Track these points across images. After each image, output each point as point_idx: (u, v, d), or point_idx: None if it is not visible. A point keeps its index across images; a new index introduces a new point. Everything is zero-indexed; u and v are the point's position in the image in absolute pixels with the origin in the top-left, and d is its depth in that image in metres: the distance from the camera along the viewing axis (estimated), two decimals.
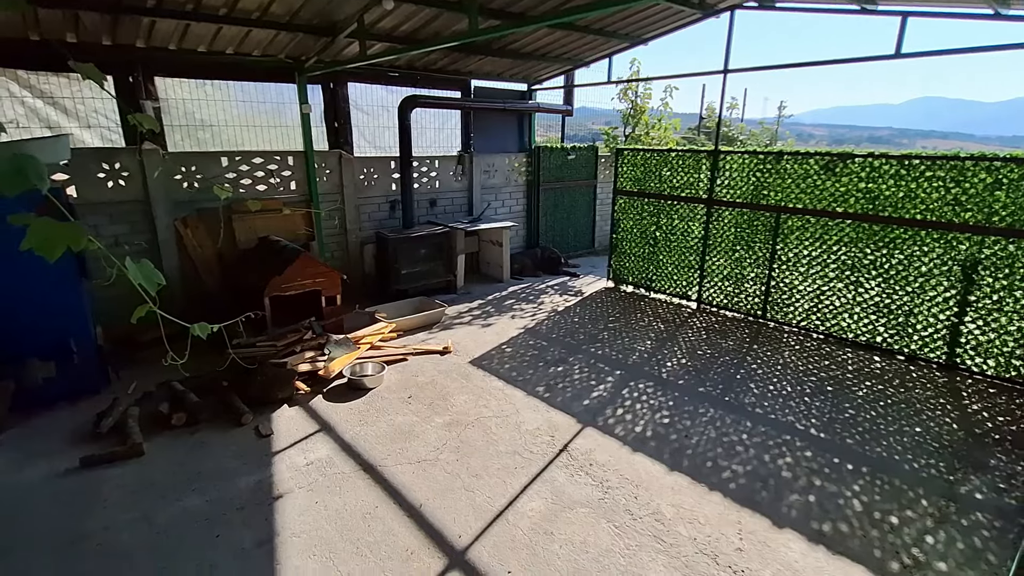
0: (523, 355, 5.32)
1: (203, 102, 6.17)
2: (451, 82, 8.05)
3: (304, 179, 6.56)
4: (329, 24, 5.50)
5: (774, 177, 5.90)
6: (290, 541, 2.83)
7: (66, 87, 5.38)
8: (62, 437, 3.79)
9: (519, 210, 9.16)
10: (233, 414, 4.01)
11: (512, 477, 3.39)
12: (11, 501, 3.13)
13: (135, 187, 5.44)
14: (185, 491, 3.21)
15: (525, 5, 5.65)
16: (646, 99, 12.02)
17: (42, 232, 1.27)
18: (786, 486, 3.33)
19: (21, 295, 3.93)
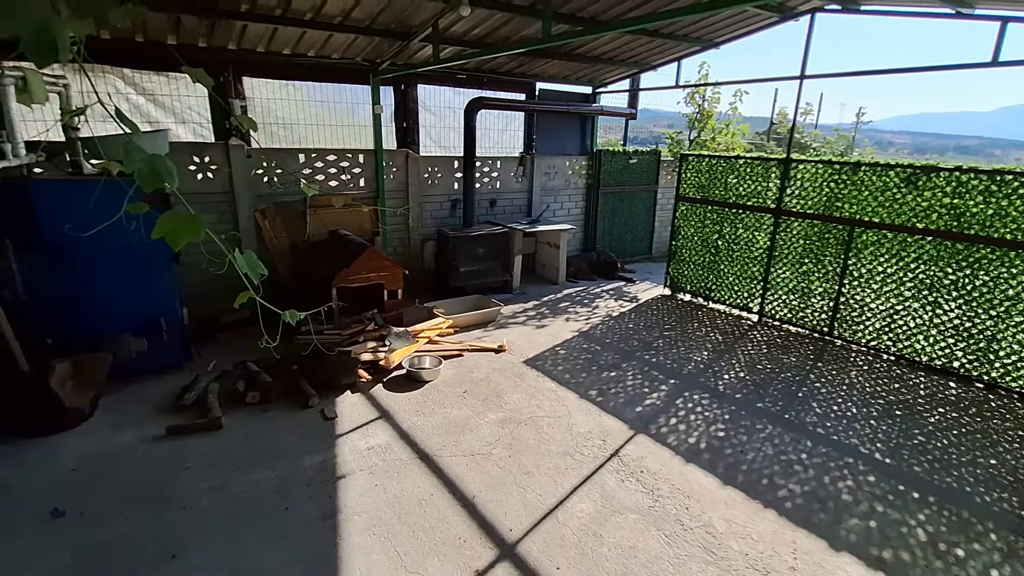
0: (576, 358, 5.34)
1: (284, 101, 6.56)
2: (517, 84, 8.16)
3: (372, 176, 6.85)
4: (405, 29, 5.72)
5: (850, 188, 5.63)
6: (351, 519, 3.00)
7: (165, 85, 5.86)
8: (151, 406, 4.16)
9: (577, 213, 9.17)
10: (301, 396, 4.26)
11: (563, 477, 3.44)
12: (110, 462, 3.48)
13: (222, 179, 5.87)
14: (258, 465, 3.46)
15: (596, 10, 5.66)
16: (714, 103, 11.70)
17: (169, 223, 1.43)
18: (846, 509, 3.20)
19: (123, 277, 4.34)
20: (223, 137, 5.98)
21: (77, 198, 3.96)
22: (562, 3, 5.35)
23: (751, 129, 14.03)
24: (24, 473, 3.32)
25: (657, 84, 9.04)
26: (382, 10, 5.20)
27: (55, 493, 3.14)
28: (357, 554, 2.75)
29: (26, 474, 3.31)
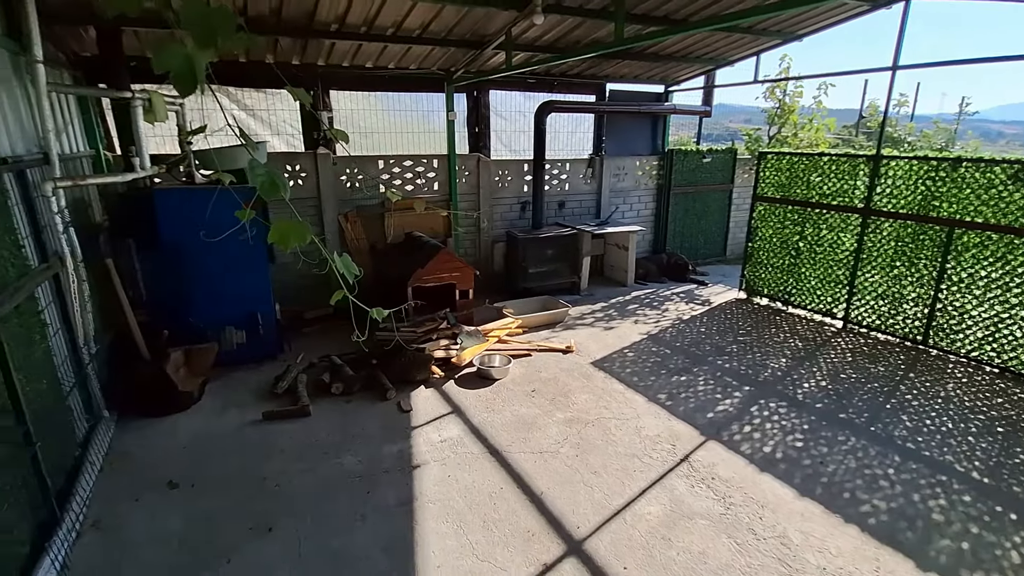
0: (645, 361, 5.29)
1: (365, 111, 6.97)
2: (587, 86, 8.16)
3: (446, 180, 7.12)
4: (478, 38, 5.91)
5: (948, 186, 5.20)
6: (426, 506, 3.17)
7: (262, 101, 6.41)
8: (248, 392, 4.57)
9: (647, 214, 9.03)
10: (379, 389, 4.53)
11: (630, 479, 3.45)
12: (215, 442, 3.87)
13: (310, 186, 6.33)
14: (342, 451, 3.73)
15: (670, 8, 5.58)
16: (796, 97, 11.10)
17: (281, 229, 1.62)
18: (936, 529, 2.99)
19: (227, 276, 4.80)
20: (312, 147, 6.45)
21: (191, 205, 4.44)
22: (635, 4, 5.32)
23: (837, 123, 13.17)
24: (146, 447, 3.77)
25: (733, 80, 8.71)
26: (458, 22, 5.41)
27: (170, 466, 3.55)
28: (431, 538, 2.92)
29: (148, 448, 3.76)
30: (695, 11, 5.66)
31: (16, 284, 2.80)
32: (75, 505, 2.96)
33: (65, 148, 4.14)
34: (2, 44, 3.23)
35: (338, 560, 2.77)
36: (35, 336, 3.01)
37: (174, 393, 4.20)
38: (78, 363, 3.64)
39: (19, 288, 2.80)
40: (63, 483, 3.05)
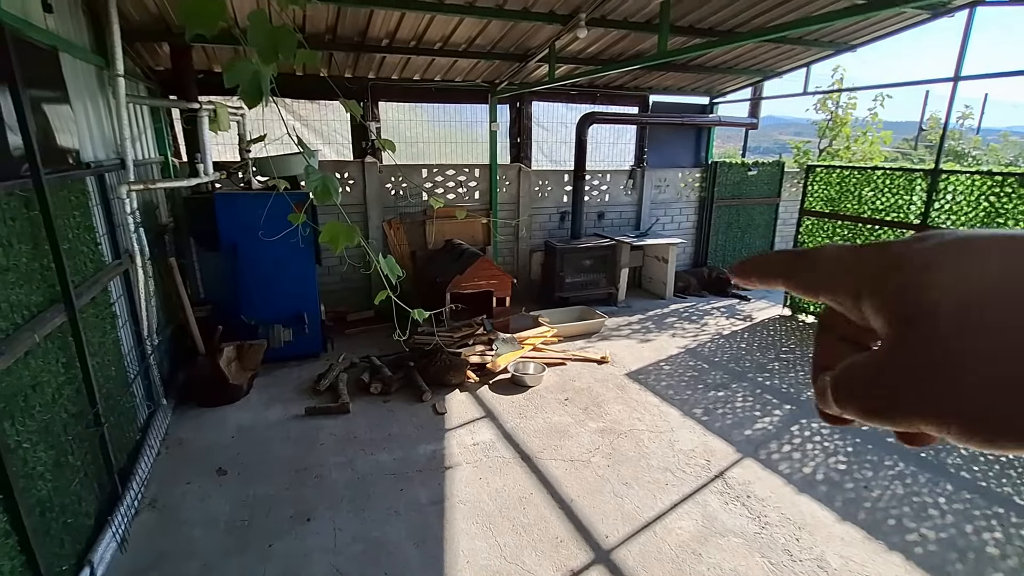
0: (681, 375, 5.22)
1: (411, 122, 7.21)
2: (629, 98, 8.17)
3: (487, 189, 7.26)
4: (522, 51, 6.04)
5: (1015, 203, 4.92)
6: (457, 506, 3.24)
7: (315, 112, 6.73)
8: (293, 388, 4.78)
9: (688, 227, 8.90)
10: (416, 390, 4.65)
11: (662, 492, 3.42)
12: (261, 433, 4.07)
13: (357, 193, 6.58)
14: (379, 448, 3.85)
15: (716, 21, 5.55)
16: (850, 109, 10.74)
17: (332, 231, 1.74)
18: (990, 563, 2.83)
19: (277, 276, 5.05)
20: (360, 155, 6.71)
21: (248, 209, 4.71)
22: (680, 16, 5.32)
23: (896, 136, 12.64)
24: (199, 435, 4.01)
25: (782, 91, 8.52)
26: (502, 36, 5.55)
27: (220, 454, 3.76)
28: (461, 538, 2.98)
29: (200, 436, 4.00)
30: (742, 23, 5.61)
31: (93, 278, 3.06)
32: (135, 484, 3.18)
33: (138, 154, 4.49)
34: (90, 59, 3.55)
35: (371, 551, 2.86)
36: (107, 326, 3.27)
37: (225, 386, 4.44)
38: (142, 353, 3.92)
39: (96, 282, 3.06)
40: (125, 463, 3.29)
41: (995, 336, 0.20)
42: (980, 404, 0.20)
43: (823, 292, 0.28)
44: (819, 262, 0.28)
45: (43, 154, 2.51)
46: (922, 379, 0.21)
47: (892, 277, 0.24)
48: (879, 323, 0.24)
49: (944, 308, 0.21)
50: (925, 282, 0.22)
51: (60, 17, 3.14)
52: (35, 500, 2.24)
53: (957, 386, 0.20)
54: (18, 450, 2.15)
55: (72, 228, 2.89)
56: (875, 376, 0.24)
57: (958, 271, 0.22)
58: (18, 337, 2.19)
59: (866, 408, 0.24)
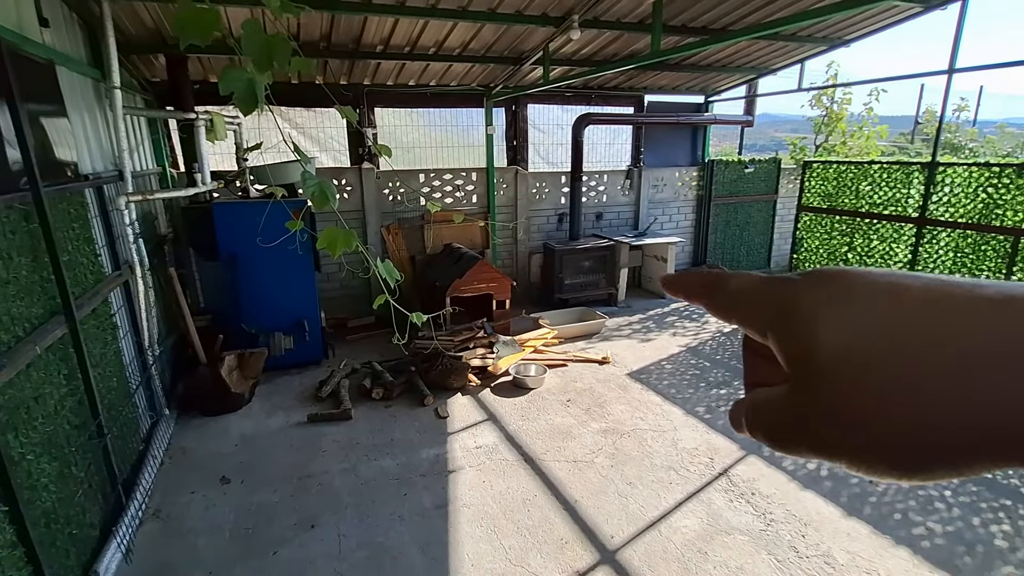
0: (683, 373, 5.22)
1: (407, 127, 7.23)
2: (625, 98, 8.19)
3: (484, 193, 7.27)
4: (516, 54, 6.06)
5: (1013, 193, 4.93)
6: (461, 510, 3.23)
7: (311, 119, 6.74)
8: (294, 395, 4.78)
9: (686, 225, 8.91)
10: (418, 395, 4.65)
11: (666, 491, 3.41)
12: (263, 441, 4.07)
13: (355, 199, 6.60)
14: (381, 453, 3.85)
15: (708, 19, 5.57)
16: (845, 104, 10.75)
17: (330, 235, 1.75)
18: (999, 555, 2.82)
19: (277, 284, 5.06)
20: (357, 162, 6.73)
21: (246, 217, 4.72)
22: (672, 16, 5.34)
23: (892, 131, 12.65)
24: (203, 444, 4.01)
25: (777, 88, 8.52)
26: (496, 40, 5.57)
27: (223, 463, 3.76)
28: (466, 541, 2.97)
29: (203, 445, 4.00)
30: (734, 20, 5.63)
31: (93, 289, 3.07)
32: (138, 495, 3.18)
33: (136, 166, 4.50)
34: (87, 72, 3.57)
35: (376, 556, 2.86)
36: (108, 337, 3.28)
37: (227, 395, 4.45)
38: (143, 364, 3.92)
39: (96, 293, 3.06)
40: (128, 474, 3.29)
41: (873, 387, 0.22)
42: (860, 445, 0.23)
43: (735, 318, 0.30)
44: (732, 291, 0.30)
45: (41, 167, 2.52)
46: (814, 423, 0.24)
47: (788, 325, 0.26)
48: (781, 360, 0.26)
49: (829, 363, 0.23)
50: (814, 334, 0.24)
51: (56, 31, 3.15)
52: (40, 512, 2.24)
53: (840, 430, 0.23)
54: (22, 462, 2.15)
55: (72, 240, 2.90)
56: (778, 417, 0.26)
57: (842, 325, 0.24)
58: (20, 349, 2.19)
59: (771, 441, 0.27)
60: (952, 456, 0.21)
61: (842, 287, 0.25)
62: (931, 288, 0.23)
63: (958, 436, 0.21)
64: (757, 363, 0.31)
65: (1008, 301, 0.21)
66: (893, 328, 0.22)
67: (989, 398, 0.20)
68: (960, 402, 0.20)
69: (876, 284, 0.24)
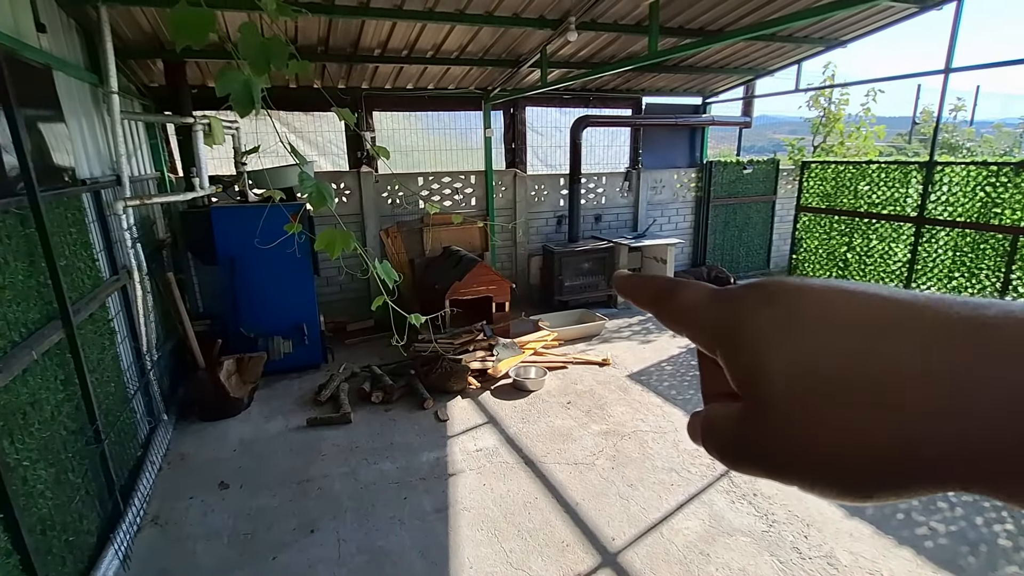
0: (683, 375, 5.21)
1: (405, 131, 7.23)
2: (623, 100, 8.20)
3: (483, 195, 7.27)
4: (514, 57, 6.07)
5: (1011, 192, 4.94)
6: (462, 513, 3.22)
7: (310, 123, 6.75)
8: (293, 400, 4.76)
9: (685, 227, 8.91)
10: (418, 398, 4.63)
11: (668, 493, 3.39)
12: (262, 446, 4.05)
13: (354, 202, 6.59)
14: (381, 457, 3.83)
15: (705, 21, 5.58)
16: (842, 105, 10.78)
17: (328, 237, 1.74)
18: (1003, 555, 2.80)
19: (276, 288, 5.05)
20: (355, 165, 6.73)
21: (244, 221, 4.71)
22: (669, 17, 5.35)
23: (889, 131, 12.67)
24: (201, 449, 3.99)
25: (774, 89, 8.55)
26: (494, 43, 5.58)
27: (222, 468, 3.74)
28: (466, 545, 2.95)
29: (203, 450, 3.98)
30: (731, 21, 5.64)
31: (91, 294, 3.05)
32: (136, 501, 3.16)
33: (134, 170, 4.49)
34: (84, 77, 3.57)
35: (376, 561, 2.84)
36: (105, 342, 3.27)
37: (226, 399, 4.43)
38: (141, 369, 3.90)
39: (93, 298, 3.05)
40: (126, 480, 3.27)
41: (814, 417, 0.23)
42: (808, 470, 0.23)
43: (683, 333, 0.30)
44: (680, 305, 0.30)
45: (38, 172, 2.51)
46: (764, 447, 0.25)
47: (734, 349, 0.26)
48: (729, 380, 0.27)
49: (774, 391, 0.24)
50: (758, 363, 0.25)
51: (53, 36, 3.15)
52: (36, 518, 2.22)
53: (789, 455, 0.24)
54: (18, 468, 2.14)
55: (69, 245, 2.89)
56: (731, 438, 0.27)
57: (784, 355, 0.24)
58: (16, 355, 2.18)
59: (723, 459, 0.28)
60: (892, 481, 0.22)
61: (783, 311, 0.25)
62: (869, 311, 0.23)
63: (895, 463, 0.21)
64: (713, 371, 0.30)
65: (934, 323, 0.21)
66: (828, 363, 0.23)
67: (918, 430, 0.20)
68: (892, 431, 0.21)
69: (814, 310, 0.24)
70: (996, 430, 0.19)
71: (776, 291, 0.26)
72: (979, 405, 0.19)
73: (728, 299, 0.27)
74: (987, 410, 0.19)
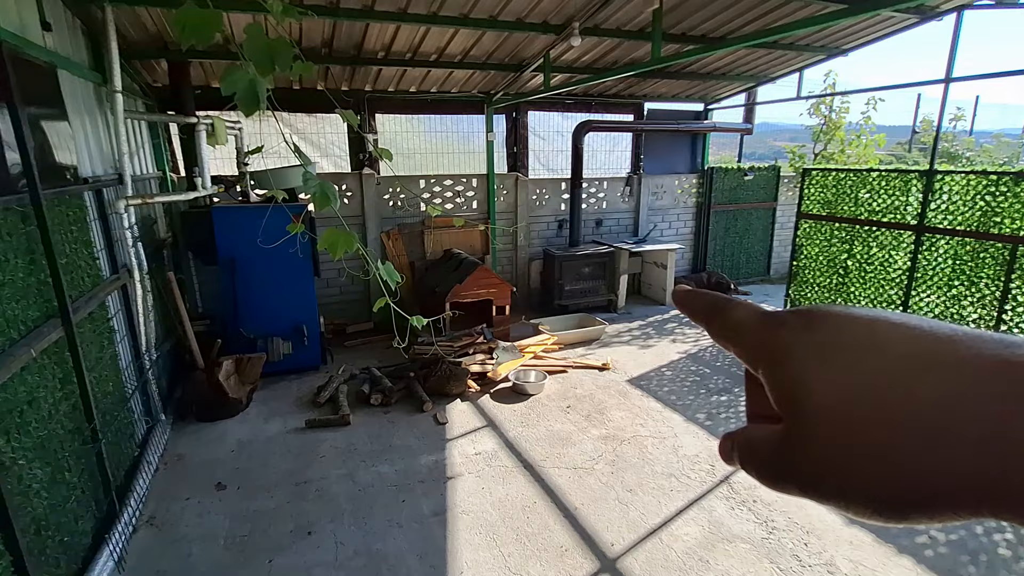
0: (683, 380, 5.20)
1: (408, 133, 7.24)
2: (625, 106, 8.22)
3: (484, 199, 7.27)
4: (517, 61, 6.08)
5: (1011, 201, 4.94)
6: (460, 517, 3.20)
7: (312, 124, 6.75)
8: (292, 401, 4.75)
9: (686, 232, 8.92)
10: (417, 401, 4.62)
11: (667, 498, 3.38)
12: (261, 447, 4.03)
13: (355, 204, 6.59)
14: (379, 459, 3.82)
15: (708, 28, 5.60)
16: (843, 113, 10.80)
17: (331, 238, 1.73)
18: (1003, 565, 2.79)
19: (276, 289, 5.04)
20: (357, 167, 6.73)
21: (245, 222, 4.71)
22: (672, 24, 5.37)
23: (889, 140, 12.71)
24: (199, 450, 3.97)
25: (776, 96, 8.56)
26: (497, 47, 5.60)
27: (219, 469, 3.72)
28: (465, 549, 2.94)
29: (200, 451, 3.96)
30: (734, 29, 5.66)
31: (91, 292, 3.04)
32: (132, 501, 3.14)
33: (136, 169, 4.49)
34: (88, 76, 3.57)
35: (373, 564, 2.82)
36: (104, 341, 3.25)
37: (225, 400, 4.41)
38: (140, 368, 3.89)
39: (93, 296, 3.04)
40: (122, 480, 3.25)
41: (854, 444, 0.24)
42: (845, 491, 0.24)
43: (729, 347, 0.31)
44: (731, 323, 0.31)
45: (41, 170, 2.51)
46: (803, 469, 0.26)
47: (779, 372, 0.27)
48: (772, 400, 0.28)
49: (816, 416, 0.25)
50: (802, 388, 0.26)
51: (59, 35, 3.16)
52: (30, 518, 2.20)
53: (827, 477, 0.25)
54: (13, 467, 2.12)
55: (70, 243, 2.89)
56: (771, 457, 0.28)
57: (828, 382, 0.25)
58: (14, 352, 2.17)
59: (760, 478, 0.28)
60: (926, 506, 0.23)
61: (828, 337, 0.26)
62: (914, 343, 0.24)
63: (931, 490, 0.22)
64: (757, 392, 0.31)
65: (982, 366, 0.22)
66: (873, 390, 0.24)
67: (948, 465, 0.22)
68: (929, 460, 0.22)
69: (860, 338, 0.25)
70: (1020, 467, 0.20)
71: (821, 317, 0.27)
72: (1011, 442, 0.20)
73: (775, 322, 0.28)
74: (1013, 448, 0.20)
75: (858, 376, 0.24)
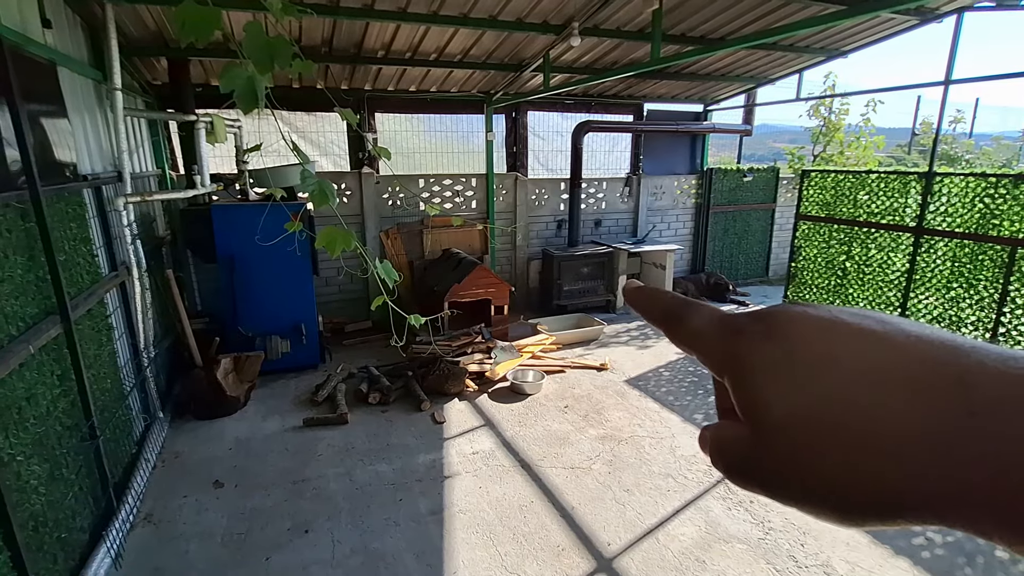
0: (681, 380, 5.20)
1: (407, 133, 7.24)
2: (624, 106, 8.22)
3: (484, 198, 7.28)
4: (517, 61, 6.09)
5: (1010, 204, 4.95)
6: (457, 516, 3.20)
7: (312, 123, 6.75)
8: (291, 400, 4.75)
9: (685, 233, 8.93)
10: (415, 400, 4.62)
11: (664, 499, 3.39)
12: (258, 445, 4.04)
13: (354, 203, 6.60)
14: (377, 458, 3.82)
15: (708, 29, 5.61)
16: (842, 115, 10.81)
17: (328, 236, 1.74)
18: (1000, 567, 2.80)
19: (275, 287, 5.04)
20: (356, 166, 6.74)
21: (244, 220, 4.71)
22: (672, 25, 5.38)
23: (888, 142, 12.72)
24: (196, 448, 3.97)
25: (775, 98, 8.57)
26: (497, 47, 5.60)
27: (217, 467, 3.72)
28: (461, 548, 2.94)
29: (198, 449, 3.96)
30: (733, 30, 5.67)
31: (89, 289, 3.05)
32: (130, 498, 3.15)
33: (136, 167, 4.49)
34: (88, 73, 3.57)
35: (370, 563, 2.83)
36: (103, 338, 3.25)
37: (223, 398, 4.41)
38: (138, 366, 3.89)
39: (92, 293, 3.04)
40: (120, 477, 3.25)
41: (812, 452, 0.25)
42: (805, 496, 0.25)
43: (691, 354, 0.31)
44: (690, 331, 0.31)
45: (40, 167, 2.51)
46: (766, 471, 0.27)
47: (740, 381, 0.28)
48: (735, 406, 0.28)
49: (777, 424, 0.26)
50: (762, 398, 0.26)
51: (59, 32, 3.16)
52: (28, 515, 2.21)
53: (789, 481, 0.26)
54: (11, 463, 2.13)
55: (68, 240, 2.89)
56: (738, 459, 0.28)
57: (785, 394, 0.26)
58: (12, 349, 2.17)
59: (728, 475, 0.29)
60: (879, 513, 0.24)
61: (786, 350, 0.26)
62: (872, 355, 0.24)
63: (882, 500, 0.23)
64: (725, 389, 0.32)
65: (929, 380, 0.23)
66: (832, 406, 0.24)
67: (898, 476, 0.23)
68: (879, 473, 0.23)
69: (818, 351, 0.26)
70: (968, 481, 0.21)
71: (780, 326, 0.27)
72: (954, 458, 0.22)
73: (733, 330, 0.29)
74: (962, 461, 0.21)
75: (815, 393, 0.25)
